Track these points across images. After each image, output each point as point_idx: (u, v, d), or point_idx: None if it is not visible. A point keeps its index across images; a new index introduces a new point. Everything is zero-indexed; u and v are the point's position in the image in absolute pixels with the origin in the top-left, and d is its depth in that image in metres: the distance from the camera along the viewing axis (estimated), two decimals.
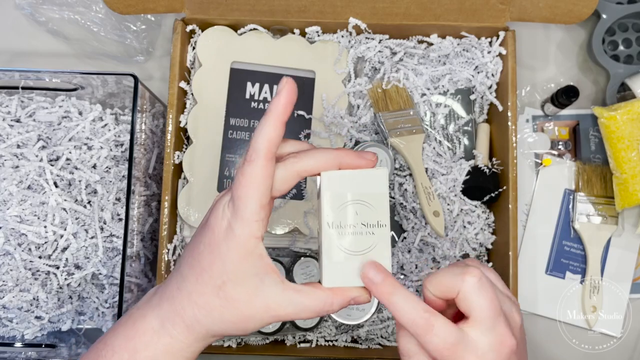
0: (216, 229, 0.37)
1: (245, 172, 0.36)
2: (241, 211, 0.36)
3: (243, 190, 0.36)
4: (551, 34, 0.75)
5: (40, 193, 0.63)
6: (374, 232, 0.39)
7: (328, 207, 0.39)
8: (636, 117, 0.65)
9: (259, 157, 0.37)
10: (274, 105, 0.38)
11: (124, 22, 0.71)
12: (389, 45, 0.68)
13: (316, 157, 0.39)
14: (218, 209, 0.38)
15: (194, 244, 0.39)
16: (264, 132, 0.37)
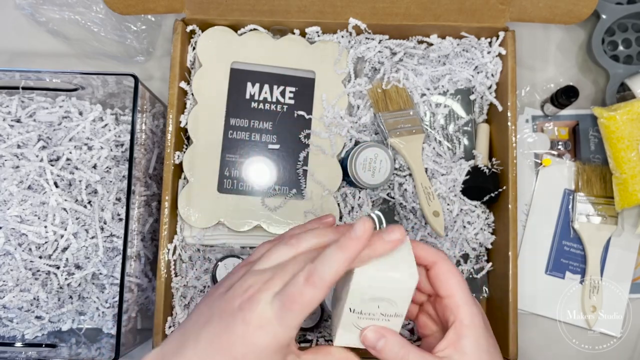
0: (254, 324, 0.39)
1: (307, 294, 0.38)
2: (290, 321, 0.39)
3: (299, 309, 0.38)
4: (551, 34, 0.75)
5: (40, 193, 0.63)
6: (389, 320, 0.43)
7: (354, 297, 0.42)
8: (636, 117, 0.65)
9: (324, 286, 0.39)
10: (353, 246, 0.39)
11: (124, 22, 0.72)
12: (388, 46, 0.68)
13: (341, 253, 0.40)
14: (257, 304, 0.39)
15: (223, 327, 0.40)
16: (336, 267, 0.39)
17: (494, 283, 0.67)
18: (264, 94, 0.66)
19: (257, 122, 0.66)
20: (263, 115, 0.66)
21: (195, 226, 0.64)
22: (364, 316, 0.43)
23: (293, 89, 0.67)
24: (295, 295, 0.38)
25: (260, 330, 0.38)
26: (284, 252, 0.42)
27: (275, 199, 0.65)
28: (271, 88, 0.66)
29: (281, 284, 0.39)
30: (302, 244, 0.42)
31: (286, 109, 0.66)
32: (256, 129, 0.66)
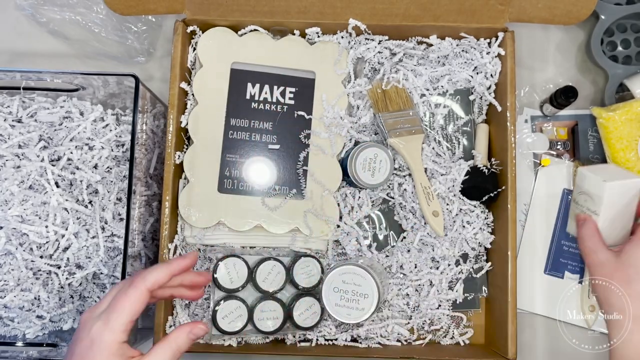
0: (84, 339, 0.45)
1: (128, 292, 0.46)
2: (113, 322, 0.45)
3: (123, 309, 0.45)
4: (550, 34, 0.76)
5: (41, 193, 0.63)
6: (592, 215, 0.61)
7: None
8: (634, 117, 0.65)
9: (144, 287, 0.46)
10: (176, 264, 0.50)
11: (124, 22, 0.72)
12: (388, 46, 0.68)
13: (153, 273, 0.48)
14: (86, 323, 0.46)
15: (67, 356, 0.47)
16: (156, 274, 0.48)
17: (493, 282, 0.67)
18: (264, 94, 0.67)
19: (258, 122, 0.66)
20: (263, 115, 0.66)
21: (196, 226, 0.64)
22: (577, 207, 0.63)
23: (293, 89, 0.67)
24: (119, 297, 0.46)
25: (90, 342, 0.44)
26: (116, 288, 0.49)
27: (276, 198, 0.65)
28: (271, 88, 0.67)
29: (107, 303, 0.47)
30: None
31: (286, 109, 0.67)
32: (256, 129, 0.66)
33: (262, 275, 0.63)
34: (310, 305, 0.63)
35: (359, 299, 0.58)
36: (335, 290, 0.59)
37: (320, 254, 0.66)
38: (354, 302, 0.58)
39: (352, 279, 0.58)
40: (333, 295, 0.59)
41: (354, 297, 0.58)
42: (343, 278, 0.58)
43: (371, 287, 0.58)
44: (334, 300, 0.58)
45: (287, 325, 0.64)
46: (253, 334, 0.64)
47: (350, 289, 0.58)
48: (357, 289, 0.58)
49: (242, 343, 0.65)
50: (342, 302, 0.58)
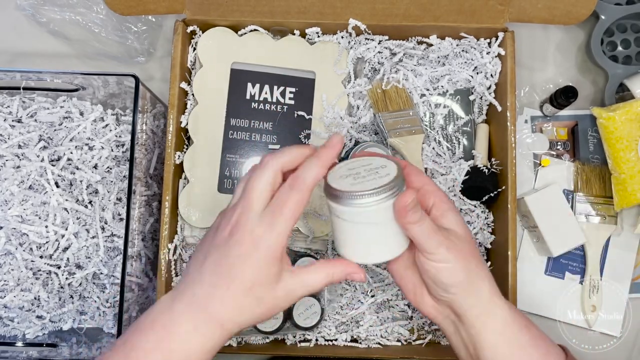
0: (246, 242, 0.43)
1: (292, 197, 0.43)
2: (280, 227, 0.43)
3: (289, 213, 0.43)
4: (550, 34, 0.76)
5: (41, 193, 0.63)
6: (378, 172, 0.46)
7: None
8: (635, 117, 0.65)
9: (306, 189, 0.44)
10: (326, 154, 0.45)
11: (124, 23, 0.72)
12: (388, 46, 0.68)
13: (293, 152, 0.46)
14: (245, 225, 0.43)
15: (219, 255, 0.44)
16: (315, 172, 0.44)
17: None
18: (264, 94, 0.67)
19: (258, 122, 0.66)
20: (263, 115, 0.66)
21: (196, 226, 0.64)
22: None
23: (293, 89, 0.67)
24: (284, 200, 0.43)
25: (253, 245, 0.42)
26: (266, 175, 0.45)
27: None
28: (271, 88, 0.67)
29: (263, 202, 0.44)
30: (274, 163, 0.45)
31: (286, 109, 0.67)
32: (256, 129, 0.66)
33: None
34: (310, 305, 0.63)
35: (378, 170, 0.46)
36: (344, 176, 0.46)
37: (320, 254, 0.66)
38: (372, 174, 0.46)
39: (359, 164, 0.47)
40: (343, 181, 0.45)
41: (369, 173, 0.46)
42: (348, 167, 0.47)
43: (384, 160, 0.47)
44: (347, 183, 0.45)
45: (287, 325, 0.64)
46: (253, 334, 0.64)
47: (360, 169, 0.47)
48: (369, 166, 0.47)
49: (242, 343, 0.65)
50: (358, 179, 0.45)
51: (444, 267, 0.46)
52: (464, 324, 0.48)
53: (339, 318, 0.66)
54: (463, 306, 0.47)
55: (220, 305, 0.43)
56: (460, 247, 0.47)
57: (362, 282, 0.48)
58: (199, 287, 0.44)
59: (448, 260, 0.46)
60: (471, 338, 0.48)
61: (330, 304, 0.66)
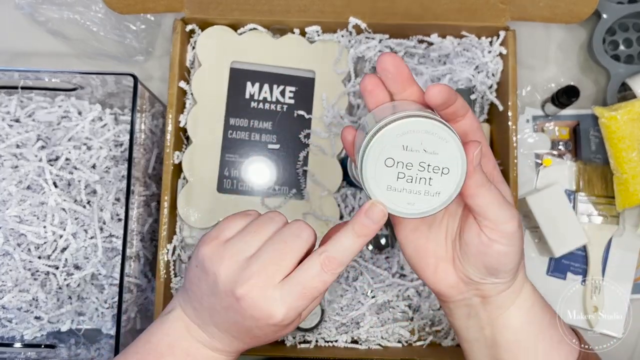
0: (262, 316, 0.39)
1: (325, 280, 0.38)
2: (300, 308, 0.39)
3: (312, 295, 0.39)
4: (552, 33, 0.75)
5: (39, 193, 0.63)
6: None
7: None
8: (637, 117, 0.65)
9: (339, 272, 0.38)
10: (366, 229, 0.38)
11: (123, 21, 0.71)
12: (389, 45, 0.68)
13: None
14: (260, 298, 0.38)
15: (232, 316, 0.40)
16: (352, 250, 0.38)
17: None
18: (263, 93, 0.66)
19: (257, 121, 0.66)
20: (263, 115, 0.66)
21: (195, 226, 0.64)
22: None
23: (293, 88, 0.66)
24: (312, 279, 0.38)
25: (269, 316, 0.38)
26: (270, 228, 0.40)
27: (275, 199, 0.65)
28: (271, 88, 0.66)
29: (284, 271, 0.38)
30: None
31: (286, 109, 0.66)
32: (256, 128, 0.66)
33: None
34: None
35: (432, 176, 0.35)
36: (389, 164, 0.35)
37: None
38: (422, 181, 0.35)
39: (423, 140, 0.34)
40: (383, 173, 0.35)
41: (422, 173, 0.35)
42: (405, 141, 0.34)
43: (454, 154, 0.35)
44: (386, 180, 0.35)
45: None
46: None
47: (417, 159, 0.35)
48: (429, 159, 0.35)
49: None
50: (401, 182, 0.35)
51: (508, 250, 0.39)
52: (489, 304, 0.43)
53: (339, 319, 0.66)
54: (498, 289, 0.42)
55: (241, 344, 0.43)
56: (520, 229, 0.40)
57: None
58: (217, 330, 0.42)
59: (514, 243, 0.39)
60: (492, 320, 0.43)
61: (330, 305, 0.65)
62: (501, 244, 0.39)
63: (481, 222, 0.39)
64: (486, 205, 0.38)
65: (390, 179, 0.35)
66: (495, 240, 0.39)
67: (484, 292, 0.42)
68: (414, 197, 0.35)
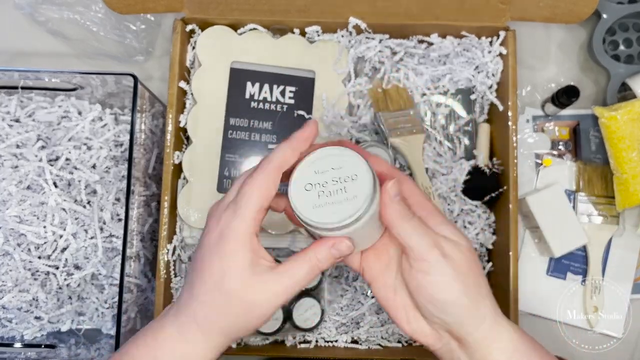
0: (213, 230, 0.41)
1: (254, 176, 0.41)
2: (242, 209, 0.40)
3: (249, 190, 0.40)
4: (552, 33, 0.75)
5: (39, 193, 0.63)
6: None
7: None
8: (637, 117, 0.65)
9: (270, 169, 0.41)
10: (296, 137, 0.43)
11: (123, 21, 0.71)
12: (389, 45, 0.68)
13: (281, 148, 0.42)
14: (215, 213, 0.42)
15: (196, 252, 0.43)
16: (280, 151, 0.42)
17: (495, 284, 0.67)
18: (263, 93, 0.66)
19: (257, 121, 0.66)
20: (263, 115, 0.66)
21: (195, 226, 0.64)
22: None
23: (293, 88, 0.66)
24: (246, 181, 0.41)
25: (220, 233, 0.40)
26: (242, 176, 0.44)
27: None
28: (271, 88, 0.66)
29: (235, 192, 0.42)
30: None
31: (286, 109, 0.66)
32: (256, 128, 0.66)
33: None
34: (310, 306, 0.63)
35: (345, 185, 0.40)
36: (309, 189, 0.40)
37: None
38: (339, 191, 0.40)
39: (329, 162, 0.41)
40: (306, 197, 0.40)
41: (336, 185, 0.40)
42: (315, 167, 0.41)
43: (356, 162, 0.41)
44: (310, 201, 0.40)
45: (287, 326, 0.63)
46: (252, 335, 0.64)
47: (328, 176, 0.41)
48: (338, 173, 0.41)
49: (241, 344, 0.65)
50: (323, 199, 0.40)
51: (439, 280, 0.40)
52: (466, 349, 0.42)
53: (339, 319, 0.66)
54: (464, 328, 0.41)
55: (196, 303, 0.40)
56: (458, 257, 0.41)
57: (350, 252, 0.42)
58: (185, 289, 0.42)
59: (443, 271, 0.40)
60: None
61: (330, 305, 0.65)
62: (429, 274, 0.40)
63: (408, 254, 0.41)
64: (407, 236, 0.40)
65: (313, 200, 0.40)
66: (422, 271, 0.40)
67: (455, 334, 0.42)
68: (338, 206, 0.40)
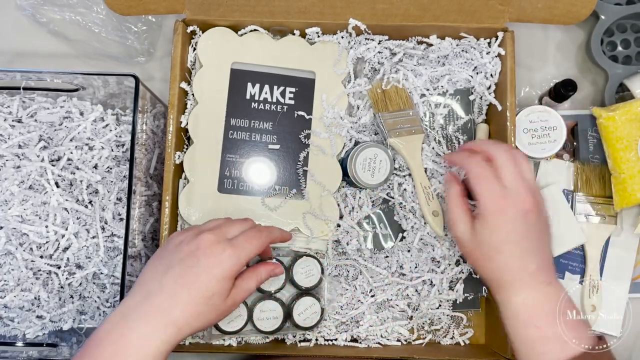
0: (214, 257, 0.50)
1: (259, 236, 0.54)
2: (243, 254, 0.52)
3: (251, 245, 0.53)
4: (550, 34, 0.76)
5: (41, 193, 0.63)
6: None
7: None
8: (634, 117, 0.65)
9: (268, 237, 0.55)
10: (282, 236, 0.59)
11: (125, 23, 0.72)
12: (388, 46, 0.68)
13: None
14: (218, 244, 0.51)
15: (183, 267, 0.50)
16: (279, 232, 0.58)
17: None
18: (264, 94, 0.67)
19: (258, 122, 0.66)
20: (263, 115, 0.66)
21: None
22: None
23: (293, 89, 0.67)
24: (253, 237, 0.53)
25: (218, 263, 0.50)
26: (244, 223, 0.56)
27: (275, 199, 0.65)
28: (271, 88, 0.67)
29: (233, 233, 0.53)
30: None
31: (286, 110, 0.67)
32: (256, 129, 0.66)
33: None
34: (310, 305, 0.63)
35: (549, 133, 0.65)
36: (525, 132, 0.64)
37: (320, 254, 0.66)
38: (545, 136, 0.65)
39: (539, 117, 0.65)
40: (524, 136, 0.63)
41: (544, 132, 0.65)
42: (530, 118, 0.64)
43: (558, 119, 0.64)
44: (526, 139, 0.64)
45: (287, 325, 0.64)
46: (253, 333, 0.64)
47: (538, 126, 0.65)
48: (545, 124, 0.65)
49: (242, 343, 0.65)
50: (534, 139, 0.65)
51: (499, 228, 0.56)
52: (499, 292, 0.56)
53: (339, 318, 0.66)
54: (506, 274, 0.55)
55: (180, 312, 0.48)
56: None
57: (282, 274, 0.60)
58: (159, 298, 0.49)
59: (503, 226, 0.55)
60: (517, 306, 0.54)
61: (330, 303, 0.66)
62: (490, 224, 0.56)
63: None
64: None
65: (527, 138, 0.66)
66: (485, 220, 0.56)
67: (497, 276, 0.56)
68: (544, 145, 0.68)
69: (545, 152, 0.68)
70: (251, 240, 0.53)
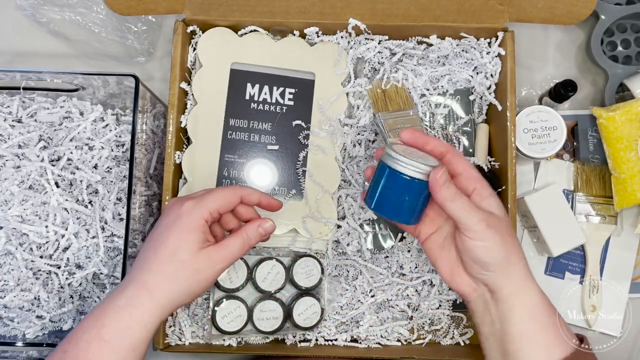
0: (173, 213, 0.51)
1: (223, 188, 0.54)
2: (204, 202, 0.51)
3: (215, 193, 0.52)
4: (550, 34, 0.76)
5: (41, 193, 0.64)
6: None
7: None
8: (635, 117, 0.65)
9: (236, 189, 0.54)
10: (266, 197, 0.56)
11: (124, 23, 0.72)
12: (388, 46, 0.68)
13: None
14: (175, 203, 0.52)
15: (152, 232, 0.52)
16: (251, 190, 0.55)
17: None
18: (263, 94, 0.67)
19: (257, 122, 0.66)
20: (262, 116, 0.66)
21: None
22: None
23: (293, 90, 0.67)
24: (215, 189, 0.53)
25: (179, 216, 0.50)
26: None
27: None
28: (271, 89, 0.67)
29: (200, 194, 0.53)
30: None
31: (285, 110, 0.67)
32: (255, 129, 0.66)
33: (261, 275, 0.63)
34: (310, 305, 0.63)
35: (549, 133, 0.65)
36: (525, 132, 0.65)
37: (320, 254, 0.66)
38: (545, 136, 0.65)
39: (539, 117, 0.65)
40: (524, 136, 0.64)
41: (544, 132, 0.65)
42: (530, 118, 0.65)
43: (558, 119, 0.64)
44: (526, 139, 0.65)
45: (287, 325, 0.64)
46: (253, 334, 0.64)
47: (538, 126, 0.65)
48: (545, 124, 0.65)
49: (242, 343, 0.65)
50: (534, 139, 0.65)
51: (484, 245, 0.50)
52: (496, 300, 0.52)
53: (339, 318, 0.66)
54: (498, 283, 0.51)
55: (148, 273, 0.49)
56: (499, 227, 0.51)
57: (272, 229, 0.55)
58: (136, 265, 0.50)
59: (488, 238, 0.50)
60: (501, 314, 0.51)
61: (330, 304, 0.66)
62: (476, 239, 0.50)
63: (459, 227, 0.51)
64: (457, 212, 0.50)
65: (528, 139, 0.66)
66: (470, 238, 0.50)
67: (491, 287, 0.52)
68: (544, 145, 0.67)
69: (545, 152, 0.68)
70: (213, 192, 0.52)
